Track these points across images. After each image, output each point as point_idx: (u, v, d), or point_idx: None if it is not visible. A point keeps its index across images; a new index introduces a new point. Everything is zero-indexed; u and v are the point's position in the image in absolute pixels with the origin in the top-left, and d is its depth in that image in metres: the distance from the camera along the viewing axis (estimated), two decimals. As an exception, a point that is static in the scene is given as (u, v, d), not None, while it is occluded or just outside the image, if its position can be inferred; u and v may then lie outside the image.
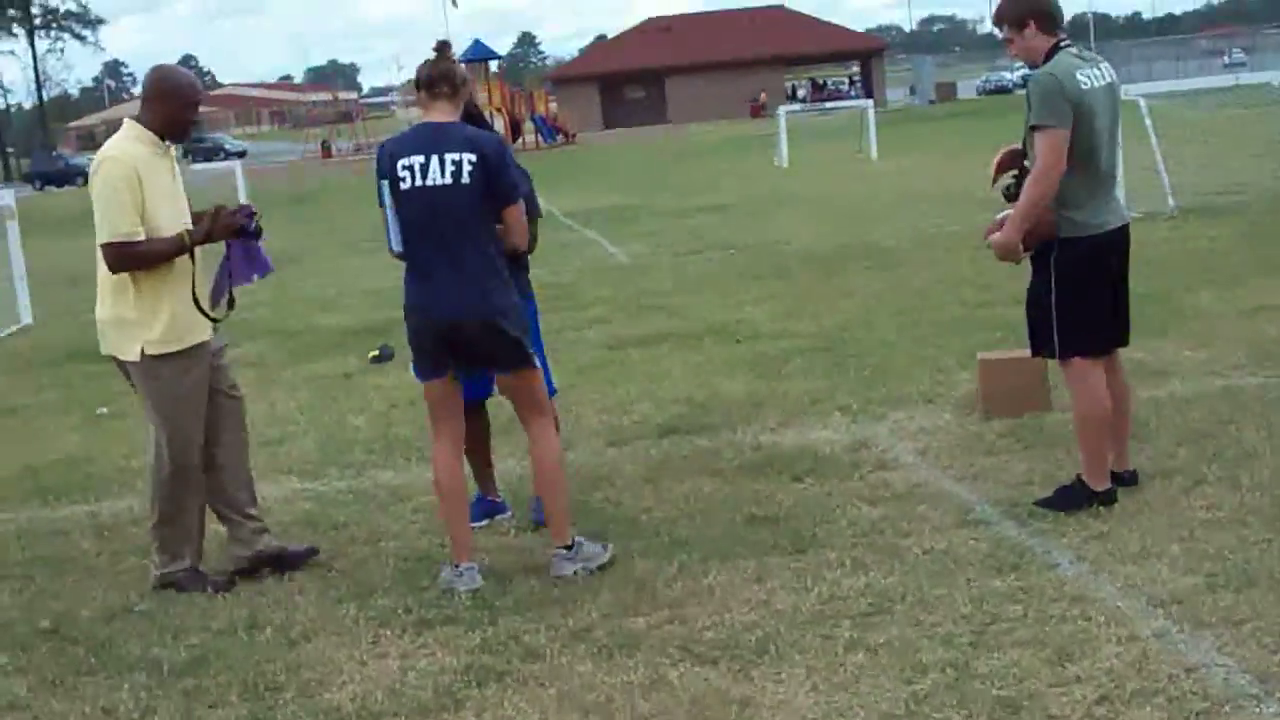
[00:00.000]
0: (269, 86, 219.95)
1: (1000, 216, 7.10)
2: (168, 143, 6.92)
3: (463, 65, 7.00)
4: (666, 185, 34.95)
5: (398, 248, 6.75)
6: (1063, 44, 7.06)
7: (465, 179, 6.51)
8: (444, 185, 6.52)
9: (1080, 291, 7.04)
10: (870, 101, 45.71)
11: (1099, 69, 7.06)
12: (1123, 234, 7.22)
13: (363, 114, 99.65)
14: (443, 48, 6.89)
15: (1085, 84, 6.90)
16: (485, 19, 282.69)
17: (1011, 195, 7.17)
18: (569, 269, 18.01)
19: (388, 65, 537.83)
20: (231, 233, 7.02)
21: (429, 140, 6.61)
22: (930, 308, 13.11)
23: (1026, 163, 7.08)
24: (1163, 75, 65.72)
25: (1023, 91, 7.35)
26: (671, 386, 10.78)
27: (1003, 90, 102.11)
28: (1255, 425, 8.23)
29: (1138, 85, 23.88)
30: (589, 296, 15.78)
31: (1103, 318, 7.19)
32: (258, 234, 7.11)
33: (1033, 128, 6.89)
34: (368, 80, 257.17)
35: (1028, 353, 7.71)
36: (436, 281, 6.59)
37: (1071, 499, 7.12)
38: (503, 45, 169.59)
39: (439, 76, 6.73)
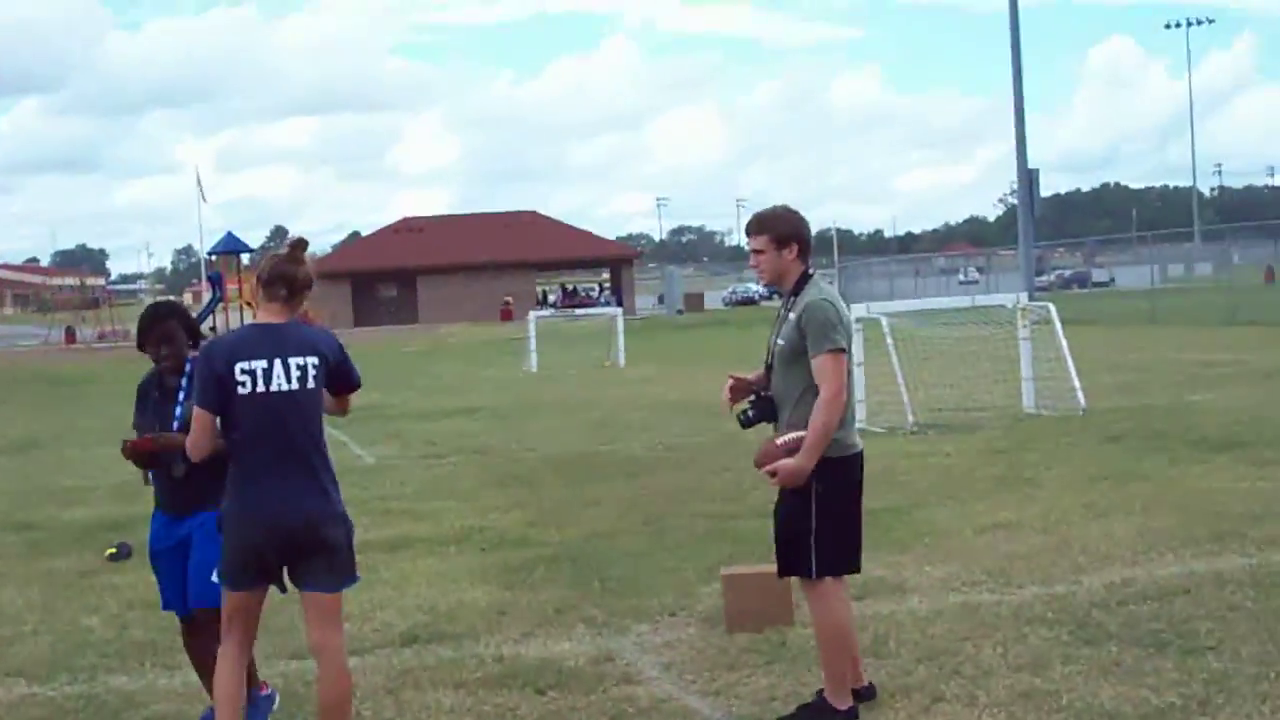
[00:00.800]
0: (14, 268, 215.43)
1: (781, 442, 7.07)
2: None
3: (308, 269, 6.82)
4: (416, 386, 34.87)
5: (198, 456, 6.58)
6: (812, 272, 7.26)
7: (310, 383, 6.47)
8: (289, 390, 6.43)
9: (840, 512, 7.14)
10: (619, 309, 46.29)
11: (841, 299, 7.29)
12: (862, 459, 7.36)
13: (110, 300, 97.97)
14: (295, 246, 6.80)
15: (844, 311, 7.13)
16: (240, 210, 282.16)
17: (748, 422, 7.28)
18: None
19: (138, 252, 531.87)
20: None
21: (270, 343, 6.49)
22: (676, 519, 13.18)
23: (764, 390, 7.27)
24: (903, 292, 67.75)
25: (768, 303, 7.52)
26: (415, 593, 10.65)
27: (749, 301, 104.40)
28: (993, 643, 8.39)
29: (879, 304, 24.58)
30: (334, 498, 15.57)
31: (856, 538, 7.29)
32: None
33: (822, 352, 6.94)
34: (117, 267, 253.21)
35: (771, 568, 7.75)
36: (279, 486, 6.41)
37: (814, 718, 7.14)
38: (256, 238, 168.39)
39: (276, 278, 6.63)
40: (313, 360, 6.50)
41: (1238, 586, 9.44)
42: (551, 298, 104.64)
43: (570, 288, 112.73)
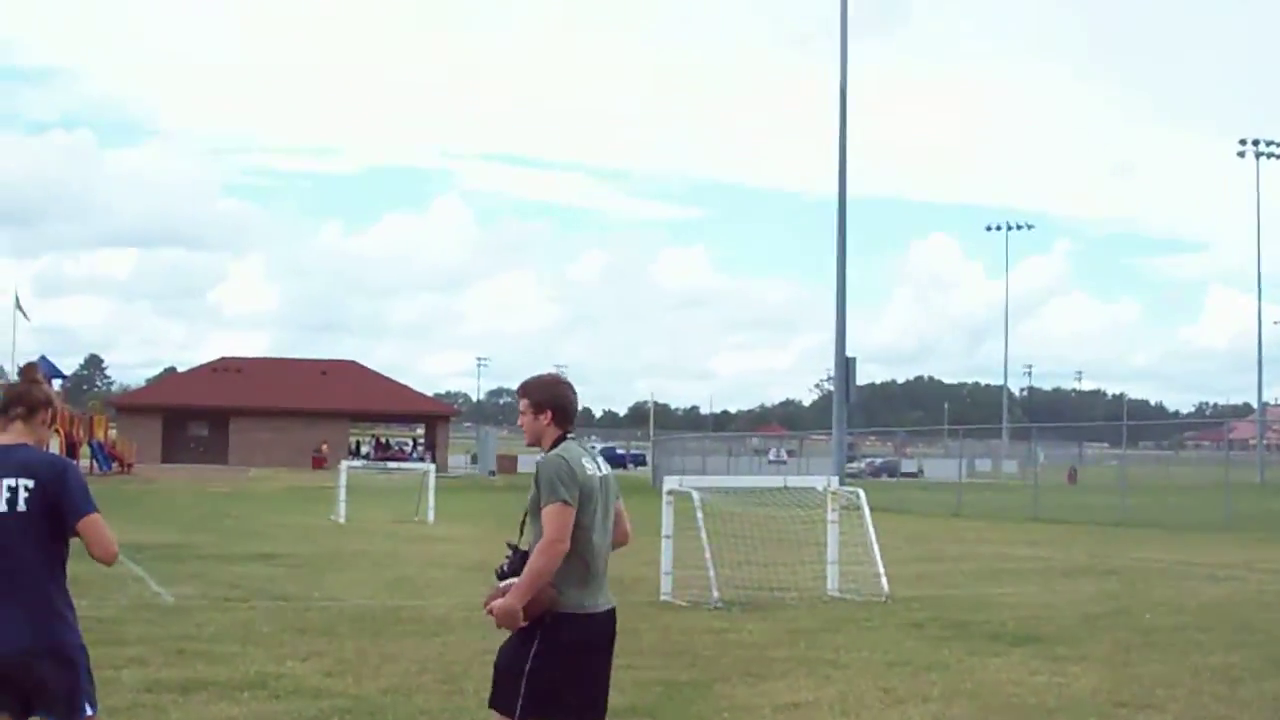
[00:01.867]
0: None
1: (503, 585, 7.24)
2: None
3: (48, 389, 6.81)
4: (220, 528, 34.37)
5: None
6: (569, 435, 7.52)
7: (21, 505, 6.32)
8: None
9: (558, 664, 7.22)
10: (432, 466, 46.03)
11: (597, 461, 7.53)
12: (610, 617, 7.54)
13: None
14: (28, 370, 6.77)
15: (589, 469, 7.35)
16: (55, 336, 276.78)
17: (503, 574, 7.36)
18: (111, 604, 17.39)
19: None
20: None
21: None
22: (473, 680, 13.06)
23: (520, 543, 7.39)
24: (716, 469, 68.28)
25: None
26: (205, 738, 10.44)
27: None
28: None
29: (692, 478, 24.79)
30: (130, 634, 15.24)
31: (570, 693, 7.32)
32: None
33: (546, 503, 7.14)
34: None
35: None
36: None
37: None
38: (70, 365, 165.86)
39: (14, 399, 6.61)
40: (25, 483, 6.36)
41: (1026, 780, 9.58)
42: (365, 449, 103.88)
43: (384, 440, 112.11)
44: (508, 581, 7.21)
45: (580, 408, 7.59)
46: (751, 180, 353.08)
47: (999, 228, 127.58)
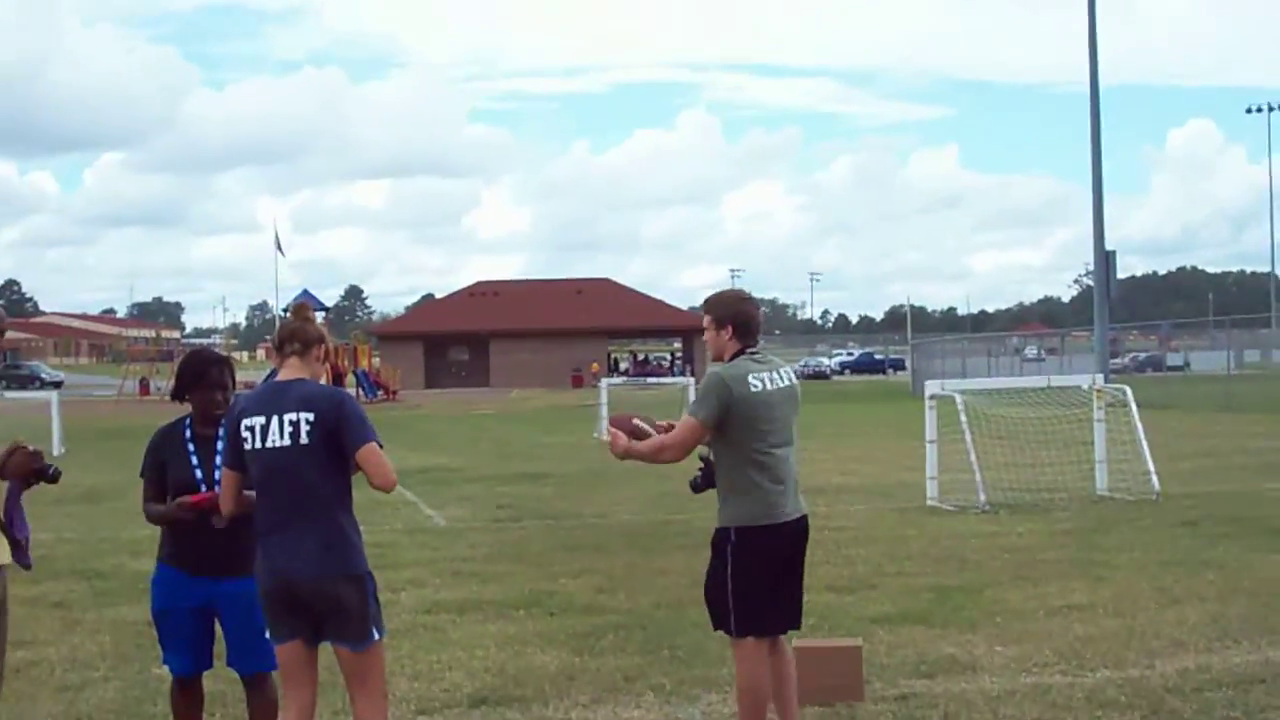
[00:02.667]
0: (91, 318, 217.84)
1: (637, 421, 7.73)
2: None
3: (319, 324, 7.01)
4: (487, 450, 35.00)
5: (228, 511, 6.73)
6: (749, 349, 7.67)
7: (304, 439, 6.49)
8: (283, 447, 6.50)
9: (755, 578, 7.49)
10: (690, 379, 46.23)
11: (776, 373, 7.63)
12: (798, 526, 7.67)
13: (183, 353, 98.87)
14: (300, 308, 6.95)
15: (756, 386, 7.49)
16: (315, 269, 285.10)
17: (696, 487, 7.79)
18: (387, 528, 17.85)
19: (214, 306, 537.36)
20: (25, 473, 6.77)
21: (270, 400, 6.62)
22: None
23: (709, 454, 7.69)
24: (976, 371, 67.44)
25: (840, 377, 7.75)
26: (485, 655, 10.66)
27: (821, 376, 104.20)
28: (1063, 726, 8.32)
29: (954, 382, 24.53)
30: (405, 558, 15.65)
31: (775, 603, 7.59)
32: (55, 478, 6.83)
33: (688, 414, 7.54)
34: (192, 320, 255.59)
35: (844, 642, 7.92)
36: (281, 542, 6.50)
37: None
38: (331, 297, 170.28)
39: (288, 336, 6.79)
40: (306, 416, 6.52)
41: (1314, 677, 9.34)
42: (623, 365, 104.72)
43: (642, 356, 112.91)
44: (638, 421, 7.73)
45: (836, 314, 7.64)
46: (1001, 75, 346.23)
47: (1260, 109, 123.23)
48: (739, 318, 7.71)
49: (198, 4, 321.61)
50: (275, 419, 6.54)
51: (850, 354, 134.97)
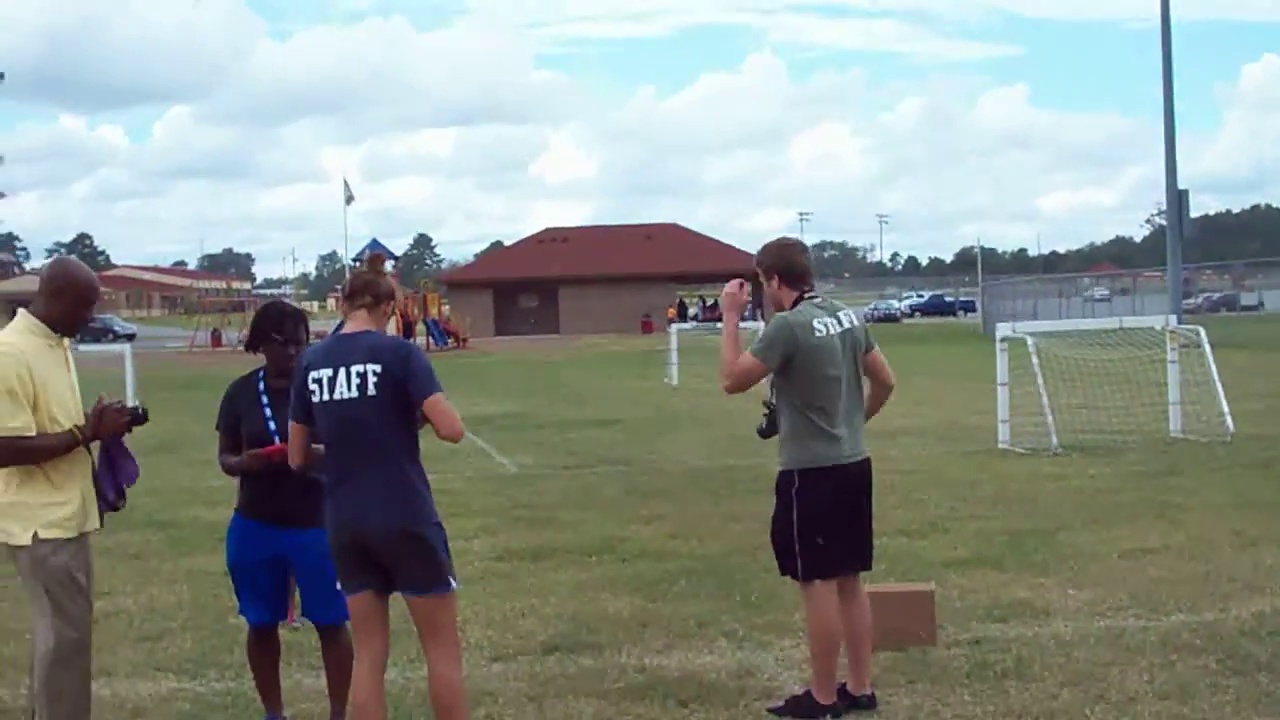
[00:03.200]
0: (162, 270, 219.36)
1: (743, 287, 7.95)
2: (60, 335, 6.85)
3: (390, 278, 7.03)
4: (557, 396, 35.08)
5: (296, 464, 6.78)
6: (806, 294, 7.78)
7: (371, 390, 6.51)
8: (350, 399, 6.52)
9: (819, 521, 7.58)
10: (761, 323, 46.16)
11: (836, 317, 7.76)
12: (860, 468, 7.77)
13: (255, 305, 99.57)
14: (375, 260, 6.97)
15: (820, 331, 7.62)
16: (383, 218, 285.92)
17: (764, 434, 7.95)
18: (457, 476, 17.95)
19: (284, 257, 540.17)
20: (119, 428, 6.89)
21: (337, 353, 6.63)
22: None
23: (770, 397, 7.88)
24: (1048, 313, 66.99)
25: (910, 320, 7.82)
26: (558, 602, 10.73)
27: (890, 319, 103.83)
28: (1138, 669, 8.31)
29: (1025, 324, 24.38)
30: (476, 505, 15.74)
31: (841, 546, 7.67)
32: (145, 418, 6.97)
33: (749, 350, 7.70)
34: (262, 271, 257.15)
35: (916, 586, 7.97)
36: (349, 493, 6.54)
37: (800, 709, 7.63)
38: (399, 245, 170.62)
39: (360, 288, 6.80)
40: (374, 368, 6.53)
41: (1392, 619, 9.27)
42: (693, 310, 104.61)
43: (711, 301, 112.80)
44: (740, 290, 7.93)
45: (905, 256, 7.69)
46: (1069, 12, 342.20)
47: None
48: (782, 264, 7.83)
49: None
50: (343, 371, 6.56)
51: (920, 296, 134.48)
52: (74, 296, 6.84)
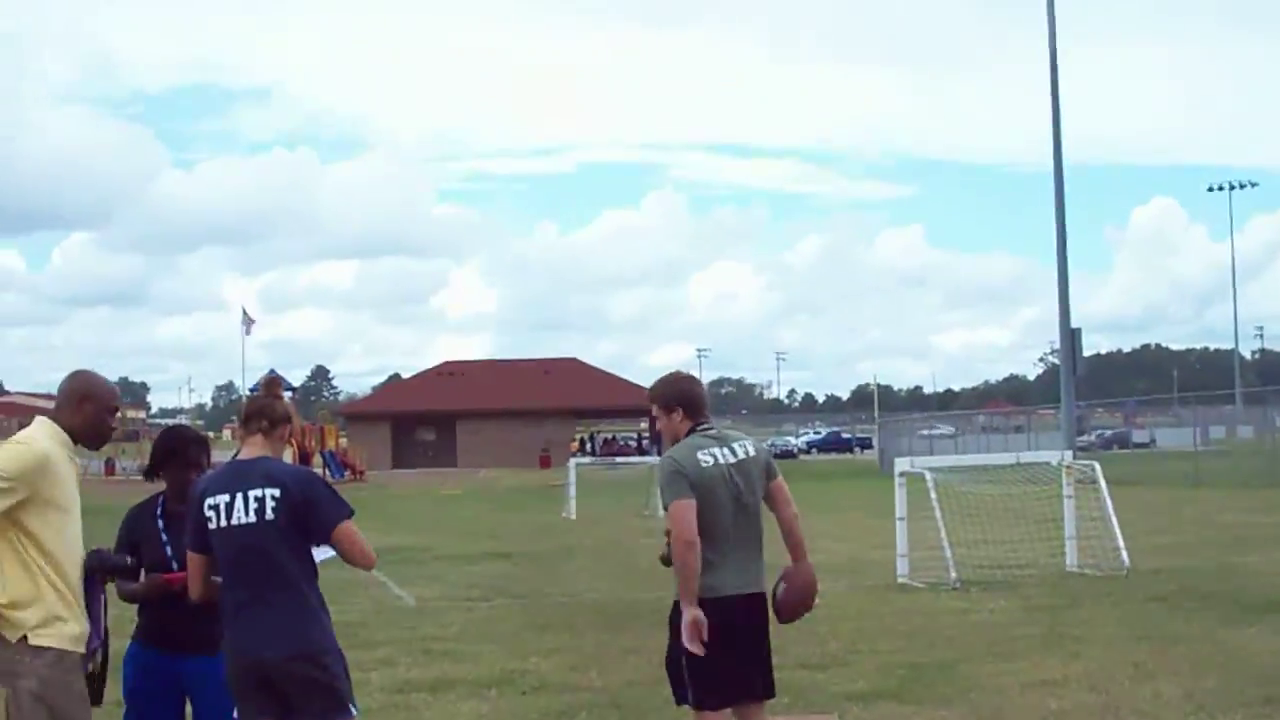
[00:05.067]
0: (55, 398, 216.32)
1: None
2: (78, 447, 6.65)
3: (287, 402, 6.99)
4: (455, 529, 34.93)
5: (196, 595, 6.68)
6: (699, 427, 7.75)
7: (270, 515, 6.45)
8: (249, 524, 6.46)
9: (707, 650, 7.42)
10: (659, 458, 46.24)
11: (730, 447, 7.69)
12: (749, 602, 7.67)
13: (149, 434, 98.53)
14: (271, 384, 6.94)
15: (707, 461, 7.56)
16: (282, 349, 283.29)
17: (667, 560, 7.66)
18: (355, 608, 17.75)
19: (180, 387, 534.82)
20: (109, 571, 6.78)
21: (234, 478, 6.58)
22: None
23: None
24: (943, 449, 67.61)
25: (807, 456, 7.84)
26: (458, 735, 10.61)
27: (788, 455, 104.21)
28: (1040, 802, 8.30)
29: (923, 459, 24.59)
30: (376, 637, 15.56)
31: (732, 673, 7.59)
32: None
33: (665, 505, 7.55)
34: (158, 400, 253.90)
35: (819, 717, 7.97)
36: (248, 620, 6.45)
37: None
38: (297, 377, 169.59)
39: (256, 412, 6.77)
40: (272, 492, 6.48)
41: (1290, 751, 9.35)
42: (590, 446, 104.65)
43: (609, 436, 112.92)
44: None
45: (802, 393, 7.74)
46: (965, 155, 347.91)
47: (1221, 188, 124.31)
48: (684, 397, 7.85)
49: (169, 84, 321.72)
50: (240, 496, 6.50)
51: (817, 433, 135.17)
52: (100, 404, 6.73)
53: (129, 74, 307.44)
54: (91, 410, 6.69)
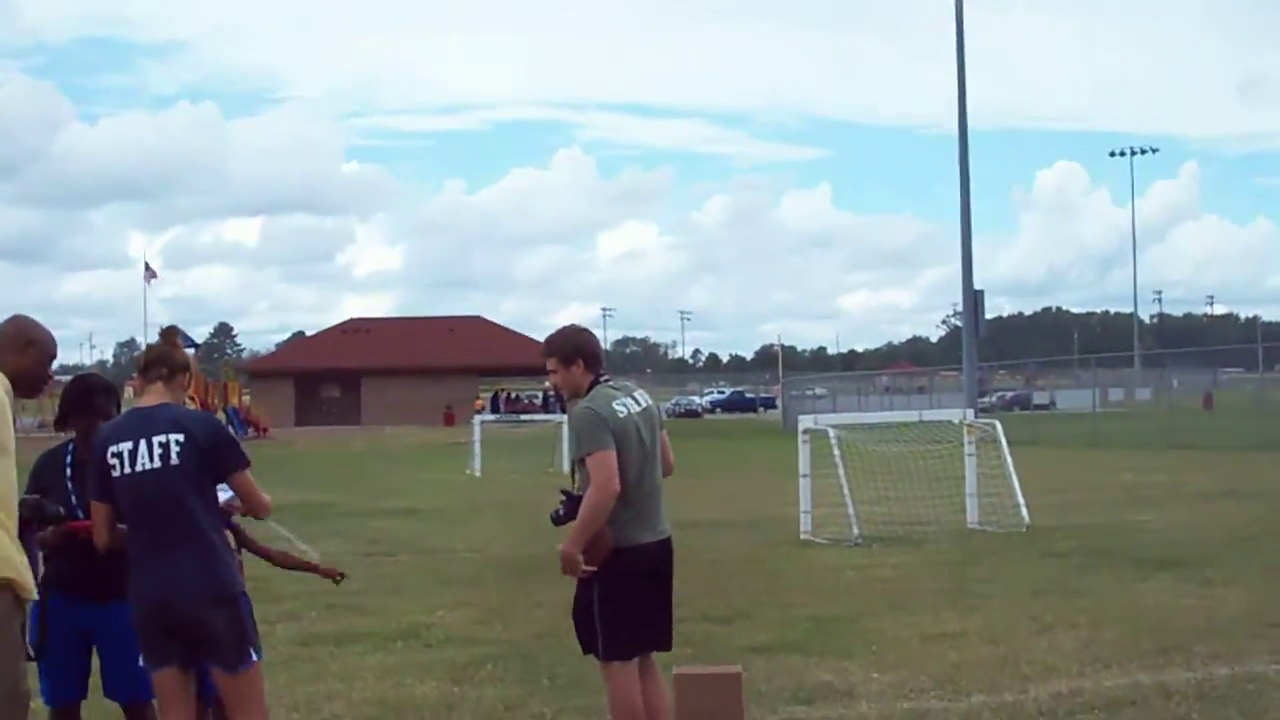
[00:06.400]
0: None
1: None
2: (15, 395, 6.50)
3: (187, 351, 6.97)
4: (360, 486, 34.86)
5: (101, 544, 6.65)
6: (601, 378, 7.80)
7: (174, 459, 6.44)
8: (153, 469, 6.43)
9: (620, 600, 7.57)
10: (564, 416, 46.22)
11: (633, 398, 7.78)
12: (661, 547, 7.79)
13: (50, 390, 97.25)
14: (168, 333, 6.90)
15: (621, 412, 7.61)
16: (186, 306, 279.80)
17: (558, 519, 7.71)
18: (260, 562, 17.62)
19: (80, 344, 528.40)
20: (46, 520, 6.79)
21: (137, 425, 6.54)
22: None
23: (574, 489, 7.70)
24: (846, 409, 68.05)
25: (711, 416, 7.86)
26: (364, 687, 10.62)
27: (692, 414, 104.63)
28: (940, 750, 8.42)
29: (827, 416, 24.76)
30: (280, 591, 15.48)
31: (642, 625, 7.72)
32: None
33: (580, 459, 7.52)
34: (59, 357, 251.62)
35: (723, 668, 8.05)
36: (155, 564, 6.43)
37: None
38: (201, 334, 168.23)
39: (155, 360, 6.74)
40: (176, 437, 6.47)
41: (1183, 699, 9.53)
42: (496, 402, 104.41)
43: (513, 394, 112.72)
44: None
45: (707, 353, 7.80)
46: (871, 118, 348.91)
47: (1123, 153, 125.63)
48: (584, 349, 7.88)
49: (73, 36, 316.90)
50: (144, 442, 6.48)
51: (721, 392, 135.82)
52: (43, 351, 6.67)
53: (31, 25, 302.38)
54: (35, 355, 6.64)
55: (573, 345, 7.88)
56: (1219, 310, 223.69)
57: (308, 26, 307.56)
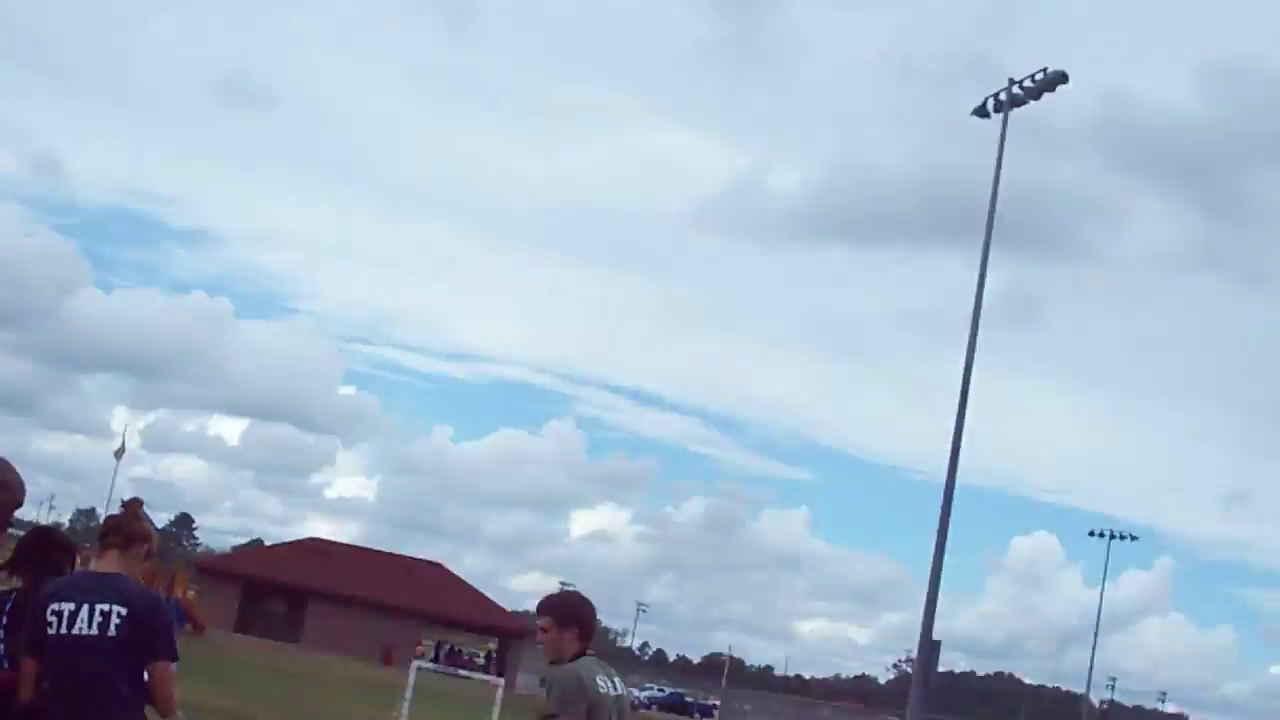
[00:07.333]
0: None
1: None
2: None
3: (148, 525, 6.96)
4: (283, 705, 34.37)
5: (24, 699, 6.57)
6: (588, 652, 7.73)
7: (111, 631, 6.35)
8: (89, 636, 6.36)
9: None
10: (502, 680, 45.69)
11: (613, 680, 7.71)
12: None
13: (3, 541, 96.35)
14: (130, 504, 6.91)
15: (602, 688, 7.52)
16: (151, 488, 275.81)
17: None
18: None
19: (41, 501, 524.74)
20: None
21: (85, 588, 6.49)
22: None
23: None
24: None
25: (647, 711, 7.81)
26: None
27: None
28: None
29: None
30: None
31: None
32: None
33: (548, 716, 7.35)
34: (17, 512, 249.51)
35: None
36: None
37: None
38: (161, 519, 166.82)
39: (112, 527, 6.74)
40: (119, 610, 6.39)
41: None
42: (438, 653, 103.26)
43: (456, 647, 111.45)
44: None
45: (655, 648, 7.82)
46: (863, 452, 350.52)
47: (1103, 534, 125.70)
48: (583, 618, 7.80)
49: (109, 203, 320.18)
50: (86, 607, 6.40)
51: (662, 690, 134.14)
52: (10, 495, 6.72)
53: (71, 183, 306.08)
54: (2, 497, 6.68)
55: (573, 612, 7.82)
56: (1170, 708, 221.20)
57: (336, 249, 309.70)
